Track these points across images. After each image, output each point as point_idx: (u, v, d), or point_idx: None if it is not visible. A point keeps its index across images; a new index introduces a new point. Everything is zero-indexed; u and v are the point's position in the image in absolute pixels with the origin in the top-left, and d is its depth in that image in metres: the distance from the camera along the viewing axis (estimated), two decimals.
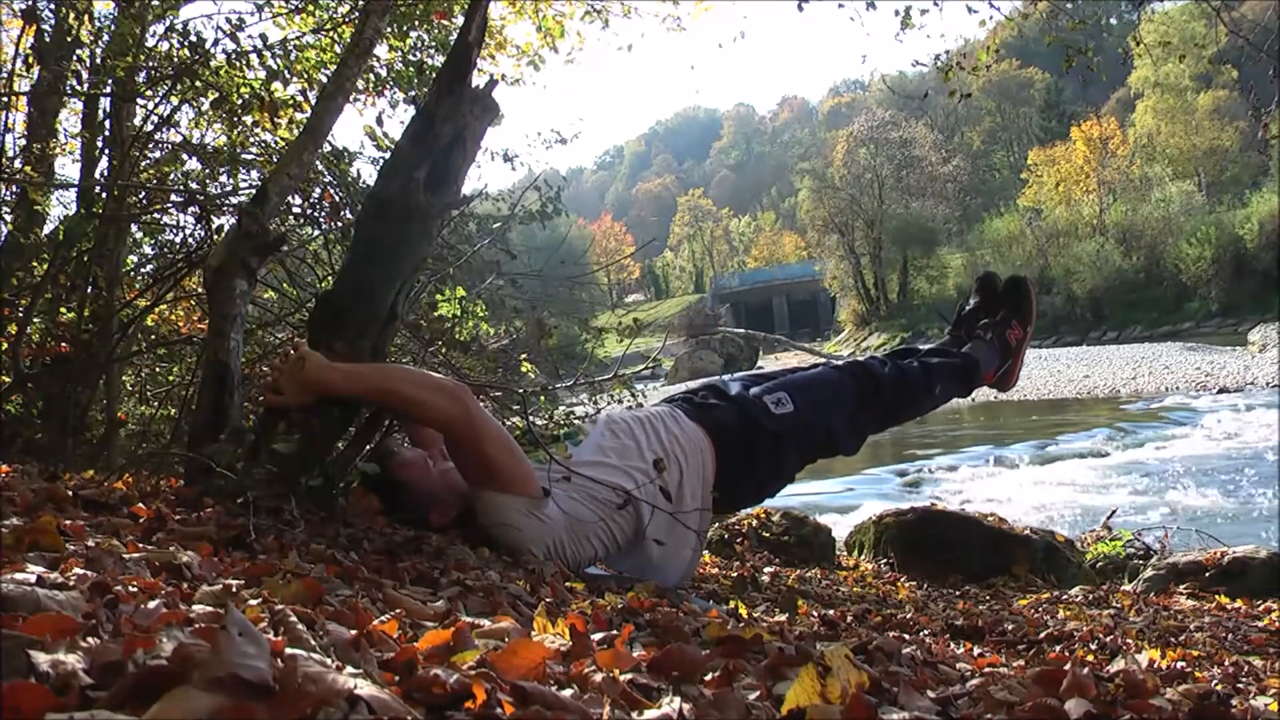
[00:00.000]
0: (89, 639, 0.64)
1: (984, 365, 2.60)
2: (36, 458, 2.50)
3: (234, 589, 0.94)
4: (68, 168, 3.91)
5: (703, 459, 2.15)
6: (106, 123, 3.32)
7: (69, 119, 3.60)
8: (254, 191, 2.33)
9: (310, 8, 3.68)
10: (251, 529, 1.39)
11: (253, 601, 0.88)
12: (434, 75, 2.44)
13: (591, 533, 1.98)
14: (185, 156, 3.42)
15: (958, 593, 3.26)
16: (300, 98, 3.46)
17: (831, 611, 2.05)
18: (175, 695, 0.53)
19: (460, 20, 2.53)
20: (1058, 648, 1.91)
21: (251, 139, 3.51)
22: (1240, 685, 1.55)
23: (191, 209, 3.08)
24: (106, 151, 3.29)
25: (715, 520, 2.50)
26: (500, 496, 1.88)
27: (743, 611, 1.72)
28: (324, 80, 3.41)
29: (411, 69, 3.79)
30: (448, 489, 2.00)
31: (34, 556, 0.94)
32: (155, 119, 3.26)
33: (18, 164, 3.22)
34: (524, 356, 4.05)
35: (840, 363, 2.55)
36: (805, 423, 2.26)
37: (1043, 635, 2.04)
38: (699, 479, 2.13)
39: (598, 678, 0.78)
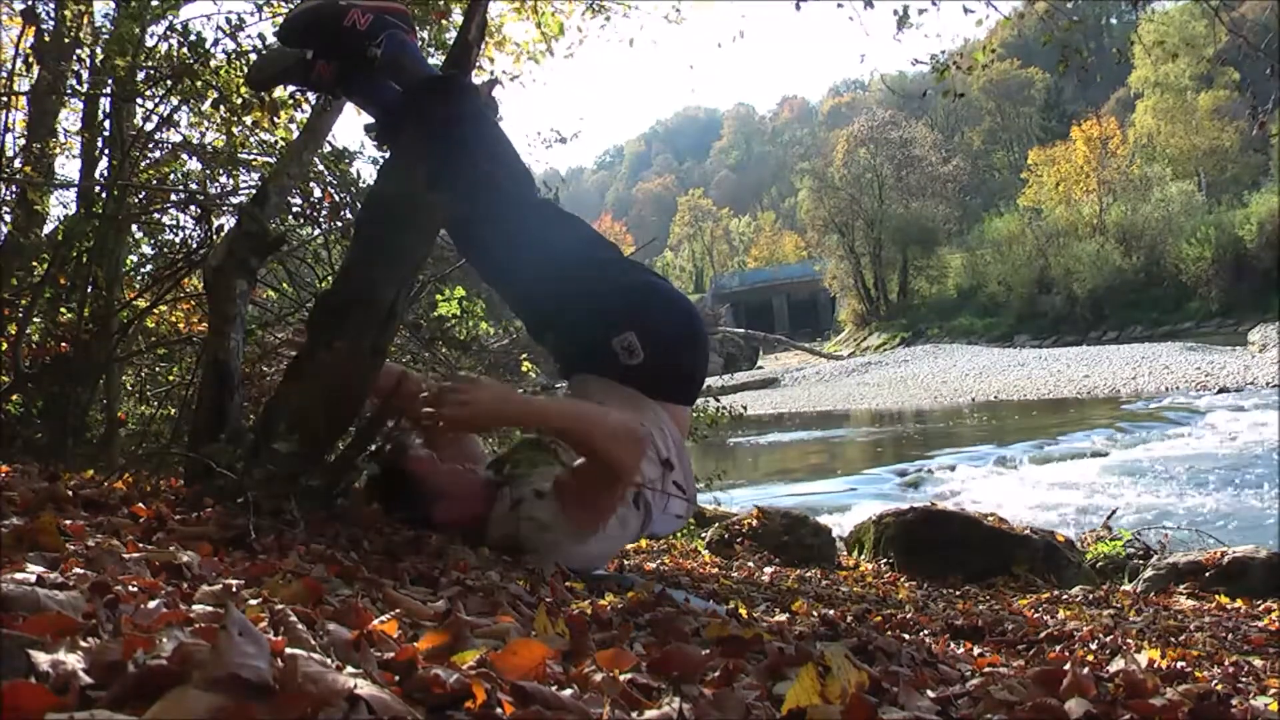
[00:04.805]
0: (89, 639, 0.64)
1: None
2: (36, 458, 2.50)
3: (234, 589, 0.94)
4: (68, 168, 3.92)
5: (666, 427, 2.10)
6: (106, 123, 3.32)
7: (69, 119, 3.61)
8: (254, 191, 2.32)
9: None
10: (251, 529, 1.39)
11: (253, 601, 0.88)
12: None
13: (616, 537, 2.01)
14: (185, 156, 3.43)
15: (958, 593, 3.26)
16: (300, 97, 3.46)
17: (832, 611, 2.05)
18: (175, 695, 0.53)
19: (460, 19, 2.53)
20: (1058, 648, 1.91)
21: (251, 139, 3.52)
22: (1240, 685, 1.55)
23: (191, 209, 3.08)
24: (106, 151, 3.29)
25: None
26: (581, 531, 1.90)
27: (743, 612, 1.72)
28: None
29: None
30: (451, 488, 1.99)
31: (34, 556, 0.94)
32: (155, 119, 3.26)
33: (18, 164, 3.22)
34: (524, 356, 4.05)
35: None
36: (642, 317, 2.07)
37: (1043, 635, 2.04)
38: (674, 443, 2.11)
39: (598, 678, 0.78)
